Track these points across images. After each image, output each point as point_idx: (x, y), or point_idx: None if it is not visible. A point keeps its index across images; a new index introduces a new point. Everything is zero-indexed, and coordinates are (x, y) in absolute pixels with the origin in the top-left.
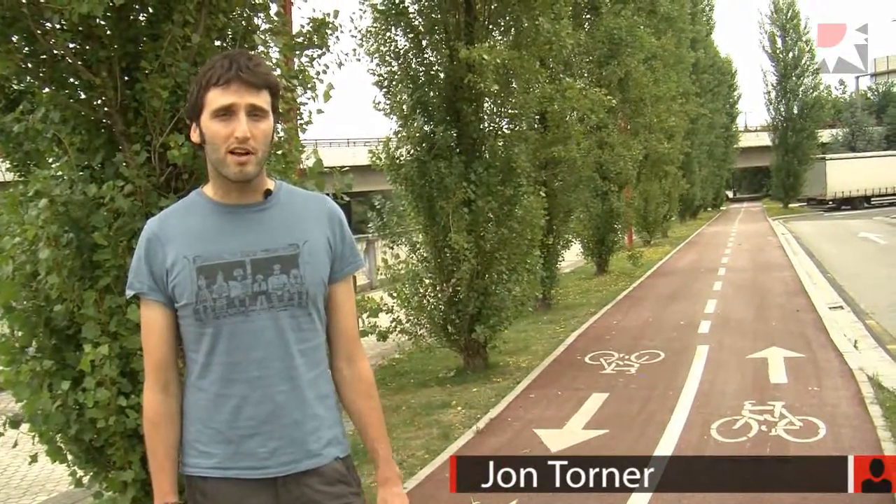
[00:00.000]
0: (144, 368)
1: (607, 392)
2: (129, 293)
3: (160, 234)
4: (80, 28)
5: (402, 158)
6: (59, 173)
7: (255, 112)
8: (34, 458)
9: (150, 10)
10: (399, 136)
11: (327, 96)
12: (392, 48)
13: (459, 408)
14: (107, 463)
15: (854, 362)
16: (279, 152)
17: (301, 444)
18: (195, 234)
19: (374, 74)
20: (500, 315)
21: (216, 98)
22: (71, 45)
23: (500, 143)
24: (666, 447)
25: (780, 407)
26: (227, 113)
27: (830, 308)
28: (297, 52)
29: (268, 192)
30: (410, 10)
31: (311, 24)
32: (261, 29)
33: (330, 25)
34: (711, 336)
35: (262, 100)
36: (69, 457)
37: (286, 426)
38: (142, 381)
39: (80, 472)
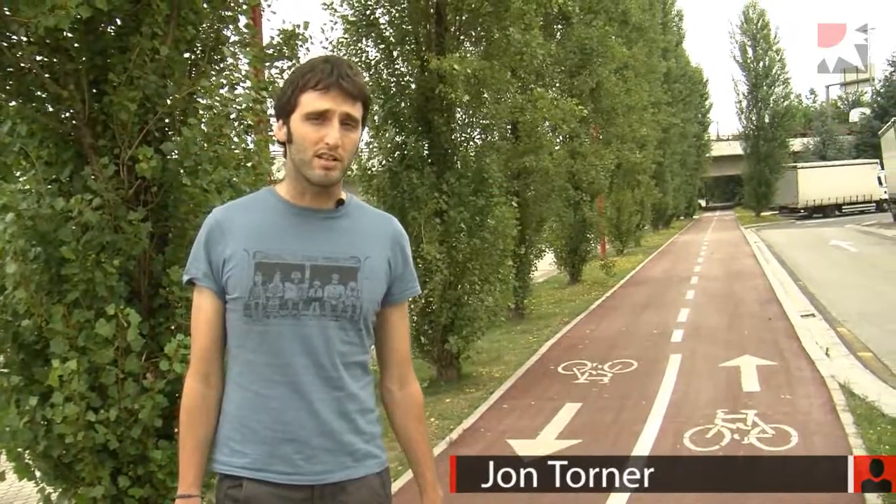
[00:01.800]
0: (191, 355)
1: (580, 402)
2: (185, 278)
3: (223, 224)
4: (48, 41)
5: (373, 169)
6: (27, 187)
7: (347, 122)
8: (2, 477)
9: (119, 23)
10: (370, 146)
11: None
12: (363, 59)
13: (433, 419)
14: (76, 479)
15: (826, 370)
16: (249, 164)
17: (336, 455)
18: (259, 229)
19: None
20: (472, 325)
21: (312, 101)
22: (38, 58)
23: (472, 154)
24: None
25: (753, 415)
26: (320, 118)
27: (802, 316)
28: (267, 64)
29: (340, 202)
30: (381, 21)
31: (280, 36)
32: (230, 41)
33: (300, 37)
34: (684, 345)
35: (356, 110)
36: (38, 473)
37: (323, 435)
38: (111, 395)
39: (49, 489)
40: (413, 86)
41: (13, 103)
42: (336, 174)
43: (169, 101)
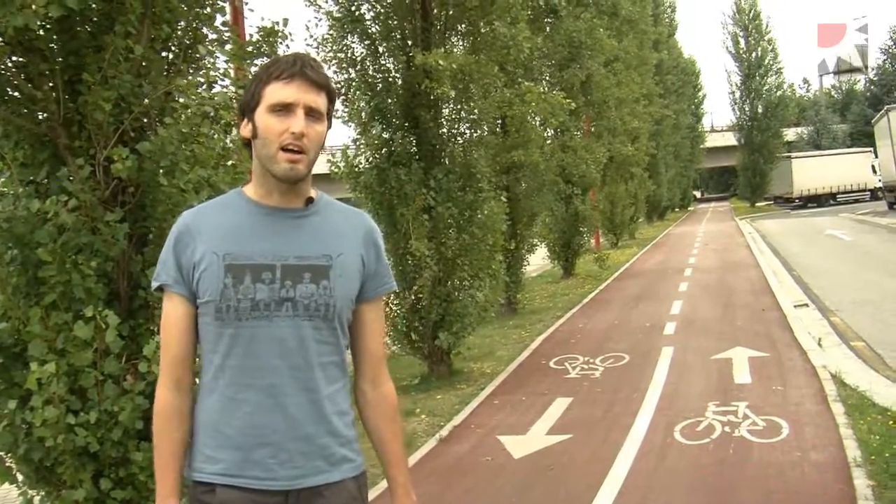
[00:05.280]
0: (160, 363)
1: (571, 396)
2: (155, 285)
3: (192, 227)
4: (21, 41)
5: (360, 166)
6: (4, 189)
7: (312, 112)
8: None
9: (94, 21)
10: (358, 143)
11: None
12: (348, 55)
13: (423, 416)
14: (58, 482)
15: (818, 360)
16: (229, 163)
17: (312, 459)
18: (228, 231)
19: (331, 82)
20: (463, 321)
21: (276, 92)
22: (12, 59)
23: (460, 149)
24: (629, 451)
25: (744, 407)
26: (284, 109)
27: (796, 306)
28: (247, 62)
29: (309, 200)
30: (366, 17)
31: (260, 33)
32: (208, 39)
33: (280, 34)
34: (676, 337)
35: (321, 102)
36: (20, 477)
37: (298, 439)
38: (91, 398)
39: (31, 493)
40: (399, 82)
41: None
42: (302, 168)
43: (147, 101)
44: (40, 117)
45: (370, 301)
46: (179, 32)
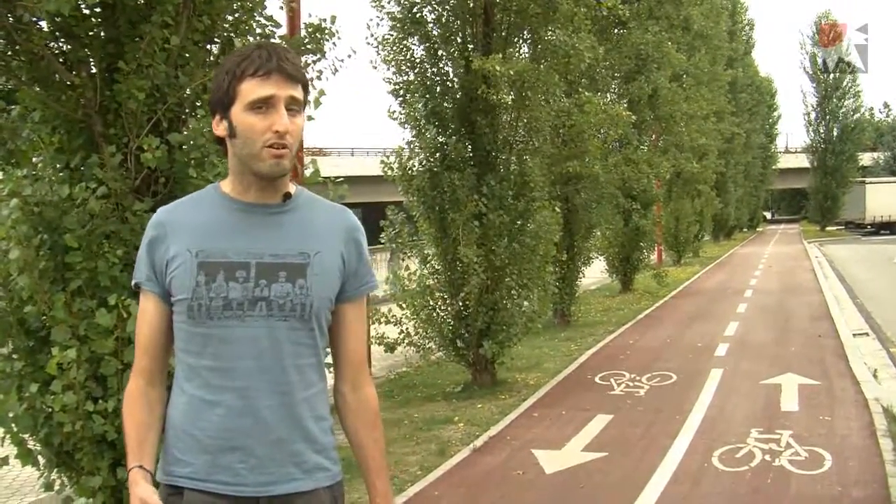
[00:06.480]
0: (134, 360)
1: (612, 413)
2: (133, 283)
3: (166, 224)
4: (62, 27)
5: (414, 169)
6: (41, 174)
7: (292, 106)
8: (5, 461)
9: (135, 10)
10: (412, 146)
11: (317, 103)
12: (407, 56)
13: (461, 424)
14: (77, 468)
15: (871, 392)
16: None
17: (283, 465)
18: (202, 227)
19: (390, 83)
20: (508, 331)
21: (254, 89)
22: (52, 45)
23: (514, 157)
24: (664, 473)
25: (788, 436)
26: (264, 105)
27: (855, 335)
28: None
29: (287, 196)
30: (428, 19)
31: (307, 29)
32: (253, 32)
33: (327, 31)
34: (727, 359)
35: (299, 94)
36: (41, 460)
37: (270, 443)
38: (111, 386)
39: (53, 476)
40: (457, 85)
41: (28, 88)
42: (286, 162)
43: (188, 92)
44: (80, 103)
45: (351, 301)
46: (227, 25)
